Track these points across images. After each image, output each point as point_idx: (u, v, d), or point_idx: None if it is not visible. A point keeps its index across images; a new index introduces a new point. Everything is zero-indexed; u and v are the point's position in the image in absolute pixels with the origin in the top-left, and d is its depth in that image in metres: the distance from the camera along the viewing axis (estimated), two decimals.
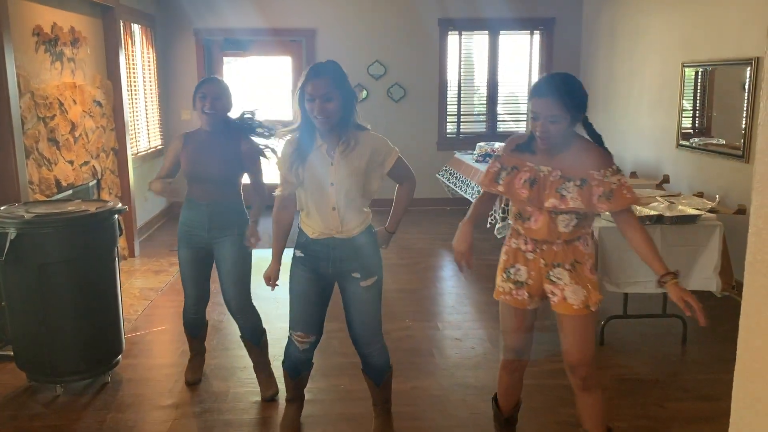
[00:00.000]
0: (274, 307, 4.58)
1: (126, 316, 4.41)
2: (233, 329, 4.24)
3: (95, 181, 5.32)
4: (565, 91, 2.26)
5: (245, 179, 3.32)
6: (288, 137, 2.66)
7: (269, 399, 3.34)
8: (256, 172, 3.26)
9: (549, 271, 2.43)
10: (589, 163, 2.32)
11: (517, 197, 2.42)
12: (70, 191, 4.83)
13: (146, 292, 4.98)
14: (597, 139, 2.40)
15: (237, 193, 3.28)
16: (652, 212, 3.78)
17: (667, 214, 3.76)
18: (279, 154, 2.74)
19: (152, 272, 5.50)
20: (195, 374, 3.55)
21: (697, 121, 5.60)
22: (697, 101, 5.54)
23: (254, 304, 3.39)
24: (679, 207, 3.93)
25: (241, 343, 3.87)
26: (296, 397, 3.00)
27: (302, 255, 2.70)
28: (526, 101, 7.66)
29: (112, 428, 3.07)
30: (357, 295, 2.69)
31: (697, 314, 2.18)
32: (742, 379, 1.17)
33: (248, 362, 3.73)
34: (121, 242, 5.73)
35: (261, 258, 3.34)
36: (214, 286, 3.41)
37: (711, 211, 4.00)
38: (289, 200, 2.72)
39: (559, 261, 2.41)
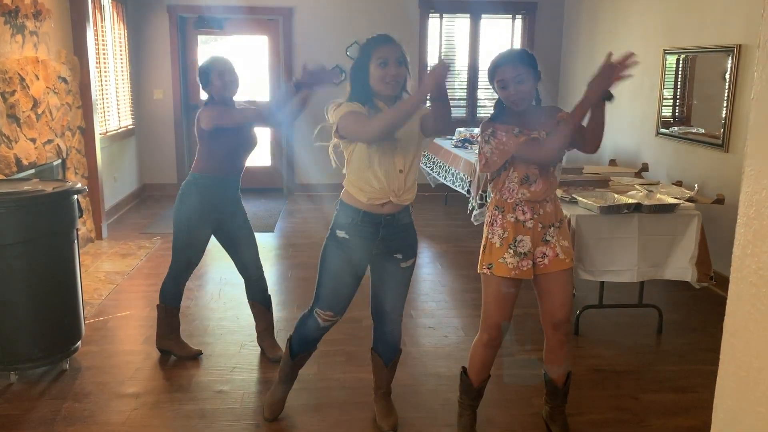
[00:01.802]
0: (243, 293, 4.46)
1: (89, 300, 4.26)
2: (199, 314, 4.12)
3: (60, 161, 5.13)
4: (519, 55, 2.58)
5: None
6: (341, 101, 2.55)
7: (275, 360, 3.38)
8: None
9: (545, 232, 2.61)
10: (553, 112, 2.64)
11: (516, 144, 2.51)
12: (33, 170, 4.64)
13: (112, 276, 4.83)
14: (539, 103, 2.68)
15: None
16: (630, 201, 3.70)
17: (646, 202, 3.69)
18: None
19: (119, 255, 5.34)
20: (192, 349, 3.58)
21: (677, 110, 5.54)
22: (678, 89, 5.48)
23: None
24: (658, 196, 3.87)
25: (205, 331, 3.81)
26: (290, 377, 2.96)
27: (346, 237, 2.60)
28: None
29: (66, 418, 2.94)
30: (395, 275, 2.70)
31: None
32: (728, 380, 1.07)
33: (213, 351, 3.63)
34: (88, 224, 5.56)
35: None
36: None
37: (689, 200, 3.93)
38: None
39: (551, 221, 2.61)
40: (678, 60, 5.39)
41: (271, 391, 3.01)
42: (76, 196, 3.29)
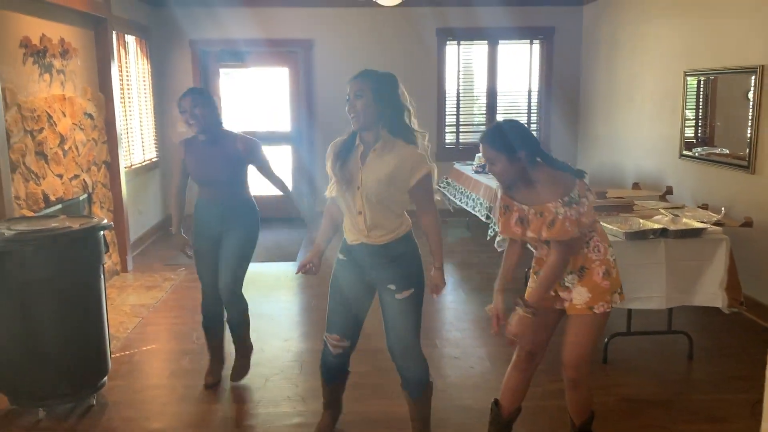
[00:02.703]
0: (268, 324, 4.47)
1: (115, 334, 4.29)
2: (224, 348, 4.11)
3: (86, 195, 5.21)
4: (493, 134, 2.51)
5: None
6: (332, 144, 2.75)
7: (234, 380, 3.60)
8: (261, 162, 3.53)
9: (564, 278, 2.62)
10: (547, 194, 2.48)
11: (515, 236, 2.64)
12: (59, 206, 4.72)
13: (137, 309, 4.86)
14: (560, 165, 2.55)
15: (245, 190, 3.57)
16: (656, 226, 3.65)
17: (672, 227, 3.64)
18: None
19: (144, 288, 5.38)
20: (215, 377, 3.64)
21: (699, 131, 5.49)
22: (699, 110, 5.43)
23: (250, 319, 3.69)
24: (684, 220, 3.81)
25: (230, 363, 3.79)
26: (331, 403, 3.02)
27: (344, 258, 2.77)
28: (527, 111, 7.45)
29: None
30: (392, 307, 2.69)
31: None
32: None
33: (238, 383, 3.63)
34: (114, 257, 5.62)
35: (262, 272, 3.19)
36: None
37: (716, 223, 3.87)
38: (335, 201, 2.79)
39: (570, 269, 2.59)
40: (698, 81, 5.35)
41: (319, 421, 3.06)
42: (102, 232, 3.33)
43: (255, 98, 7.92)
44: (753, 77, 4.52)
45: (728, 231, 3.84)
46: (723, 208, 4.19)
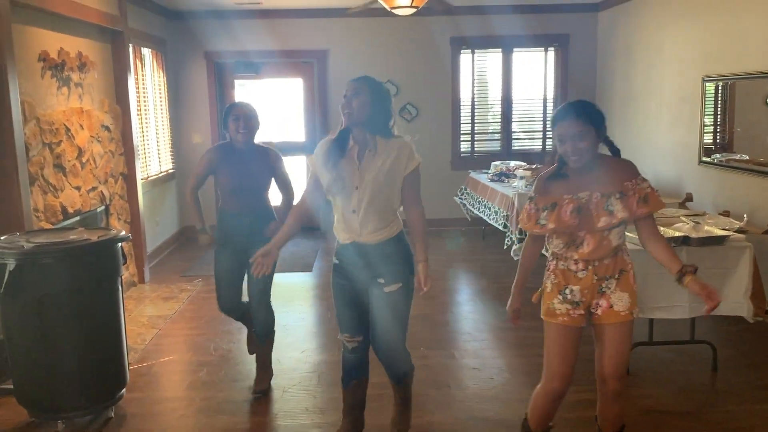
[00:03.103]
0: (284, 335, 4.46)
1: (133, 345, 4.29)
2: (242, 359, 4.11)
3: (103, 207, 5.24)
4: (581, 109, 2.46)
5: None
6: (321, 142, 2.85)
7: (258, 393, 3.61)
8: (284, 174, 3.68)
9: (601, 284, 2.54)
10: (621, 175, 2.47)
11: (569, 228, 2.50)
12: (77, 218, 4.74)
13: (155, 320, 4.87)
14: (617, 153, 2.56)
15: (269, 205, 3.71)
16: (678, 233, 3.60)
17: (693, 235, 3.58)
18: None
19: (161, 299, 5.39)
20: (253, 347, 3.83)
21: (718, 137, 5.42)
22: (718, 116, 5.37)
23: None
24: (706, 227, 3.75)
25: (248, 375, 3.81)
26: (351, 410, 3.02)
27: (338, 262, 2.88)
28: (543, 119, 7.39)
29: None
30: (380, 300, 2.75)
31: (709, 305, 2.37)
32: None
33: (258, 393, 3.60)
34: (131, 268, 5.64)
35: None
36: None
37: (739, 231, 3.81)
38: (312, 197, 2.87)
39: (609, 274, 2.53)
40: (716, 87, 5.29)
41: (339, 429, 3.08)
42: (120, 244, 3.33)
43: (270, 109, 7.94)
44: None
45: (751, 238, 3.77)
46: (745, 215, 4.12)
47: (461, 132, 7.91)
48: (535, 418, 2.71)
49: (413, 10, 5.07)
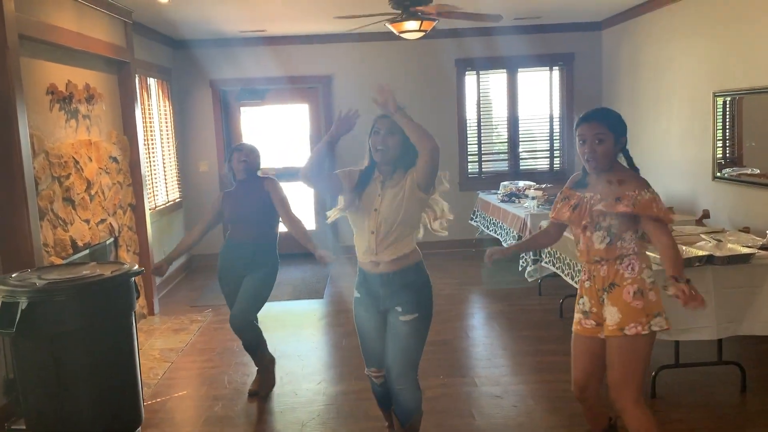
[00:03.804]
0: (299, 366, 4.37)
1: (145, 380, 4.19)
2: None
3: (112, 239, 5.18)
4: (605, 114, 2.63)
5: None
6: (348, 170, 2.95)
7: (252, 394, 3.94)
8: (282, 203, 3.83)
9: (602, 295, 2.65)
10: (629, 186, 2.55)
11: (563, 219, 2.76)
12: (87, 251, 4.68)
13: (166, 353, 4.78)
14: (635, 169, 2.66)
15: (274, 235, 3.93)
16: (701, 252, 3.52)
17: (718, 254, 3.51)
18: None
19: (172, 331, 5.31)
20: (254, 384, 4.01)
21: (728, 151, 5.37)
22: (727, 131, 5.32)
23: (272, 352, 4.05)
24: (729, 245, 3.67)
25: (264, 408, 3.94)
26: (392, 427, 3.08)
27: (359, 295, 2.93)
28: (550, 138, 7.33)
29: None
30: (395, 328, 2.80)
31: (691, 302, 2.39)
32: None
33: (273, 430, 3.51)
34: (140, 300, 5.56)
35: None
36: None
37: (762, 247, 3.73)
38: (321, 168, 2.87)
39: (604, 285, 2.63)
40: (725, 102, 5.25)
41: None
42: (133, 278, 3.27)
43: (276, 135, 7.93)
44: None
45: None
46: None
47: (468, 153, 7.87)
48: (588, 422, 2.90)
49: (421, 34, 5.05)
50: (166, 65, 7.12)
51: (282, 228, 3.90)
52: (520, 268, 5.55)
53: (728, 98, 5.22)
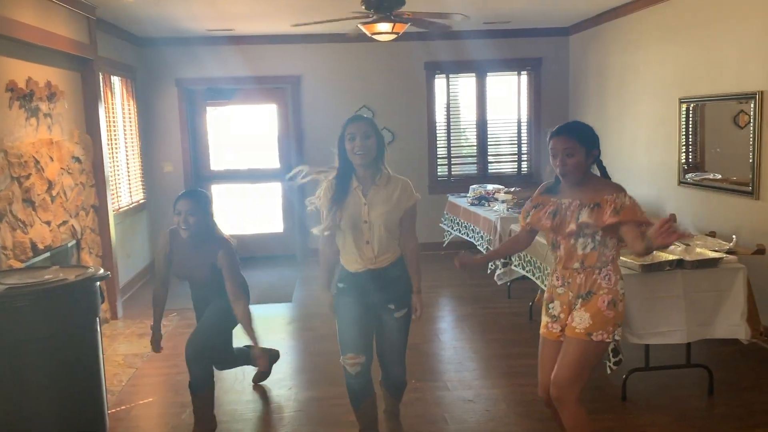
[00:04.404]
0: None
1: (109, 387, 4.05)
2: (225, 399, 3.93)
3: (74, 242, 5.02)
4: (575, 128, 2.70)
5: None
6: (325, 183, 2.96)
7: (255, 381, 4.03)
8: (231, 278, 3.37)
9: (575, 302, 2.71)
10: (605, 191, 2.63)
11: (543, 227, 2.78)
12: (48, 254, 4.52)
13: (131, 359, 4.64)
14: (607, 177, 2.78)
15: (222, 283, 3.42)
16: (671, 257, 3.57)
17: (687, 258, 3.56)
18: (317, 195, 2.99)
19: (136, 336, 5.16)
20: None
21: (690, 156, 5.47)
22: (690, 136, 5.43)
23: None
24: (697, 250, 3.73)
25: (233, 416, 3.81)
26: (368, 428, 3.13)
27: (344, 286, 3.01)
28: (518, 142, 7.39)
29: None
30: (391, 325, 2.99)
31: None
32: None
33: None
34: (103, 305, 5.40)
35: None
36: None
37: (729, 252, 3.80)
38: (331, 239, 3.00)
39: (581, 292, 2.69)
40: (688, 108, 5.35)
41: None
42: (98, 283, 3.16)
43: (243, 135, 7.81)
44: (752, 103, 4.51)
45: (742, 260, 3.76)
46: (734, 236, 4.12)
47: (438, 156, 7.88)
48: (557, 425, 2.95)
49: (394, 36, 5.02)
50: (131, 63, 6.95)
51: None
52: (489, 271, 5.56)
53: (692, 104, 5.32)
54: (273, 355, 4.09)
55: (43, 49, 4.57)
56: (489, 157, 8.03)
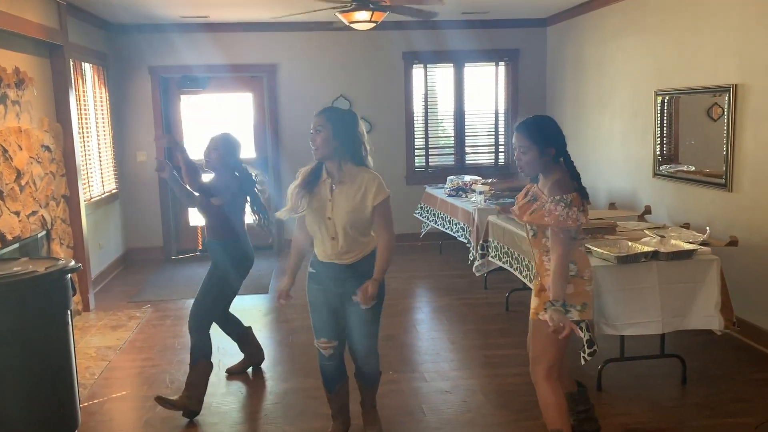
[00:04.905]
0: None
1: (81, 380, 3.99)
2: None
3: (44, 232, 4.91)
4: (531, 126, 2.73)
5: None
6: (303, 169, 2.95)
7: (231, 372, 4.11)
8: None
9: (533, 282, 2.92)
10: (547, 189, 2.71)
11: (514, 215, 2.93)
12: (17, 245, 4.42)
13: (103, 352, 4.57)
14: (575, 176, 2.75)
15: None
16: (647, 248, 3.59)
17: (662, 249, 3.58)
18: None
19: (109, 328, 5.08)
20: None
21: (665, 148, 5.52)
22: (664, 128, 5.47)
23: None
24: (672, 242, 3.76)
25: (208, 408, 3.76)
26: (339, 412, 3.16)
27: (314, 271, 3.02)
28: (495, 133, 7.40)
29: None
30: (357, 316, 2.93)
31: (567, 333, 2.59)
32: None
33: (218, 431, 3.39)
34: (74, 297, 5.30)
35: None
36: None
37: (703, 244, 3.84)
38: (302, 223, 2.99)
39: (534, 273, 2.88)
40: (662, 101, 5.40)
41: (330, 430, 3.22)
42: (69, 275, 3.09)
43: (218, 124, 7.69)
44: (726, 96, 4.55)
45: (715, 251, 3.81)
46: (708, 228, 4.17)
47: (415, 147, 7.85)
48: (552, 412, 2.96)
49: (372, 25, 4.97)
50: (103, 50, 6.80)
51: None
52: (468, 262, 5.57)
53: (667, 97, 5.36)
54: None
55: (11, 34, 4.44)
56: (466, 148, 8.03)
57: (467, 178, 6.76)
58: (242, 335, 4.14)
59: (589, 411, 3.10)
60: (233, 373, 4.10)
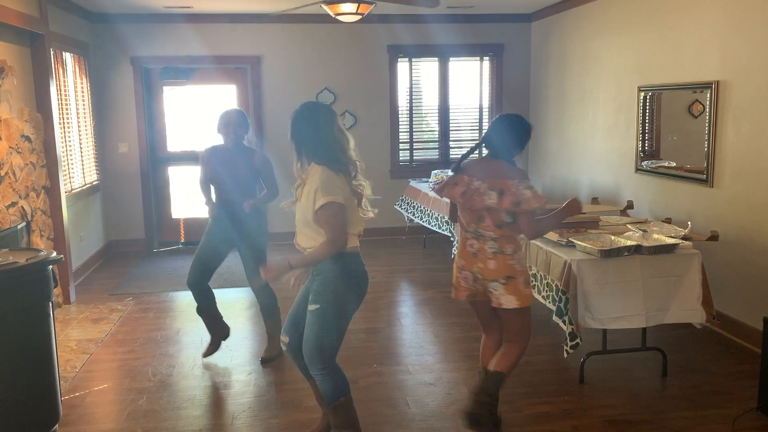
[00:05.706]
0: (228, 357, 4.22)
1: (62, 374, 3.95)
2: (184, 384, 3.86)
3: (24, 224, 4.84)
4: (495, 127, 3.15)
5: None
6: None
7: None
8: (268, 176, 4.10)
9: (489, 284, 3.16)
10: (504, 174, 2.98)
11: (457, 201, 3.19)
12: None
13: (84, 344, 4.52)
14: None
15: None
16: (630, 242, 3.63)
17: (645, 244, 3.62)
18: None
19: (90, 321, 5.03)
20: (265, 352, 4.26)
21: (646, 144, 5.57)
22: (646, 124, 5.52)
23: None
24: (654, 236, 3.80)
25: (192, 402, 3.69)
26: (321, 403, 3.08)
27: None
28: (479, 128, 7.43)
29: None
30: (308, 315, 2.87)
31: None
32: None
33: (203, 425, 3.38)
34: (55, 289, 5.24)
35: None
36: None
37: (684, 238, 3.88)
38: None
39: (496, 276, 3.11)
40: (645, 96, 5.45)
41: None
42: (51, 267, 3.05)
43: (202, 116, 7.63)
44: (708, 93, 4.60)
45: (697, 245, 3.86)
46: (689, 223, 4.21)
47: (399, 141, 7.85)
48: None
49: (358, 17, 4.95)
50: (84, 40, 6.71)
51: None
52: (452, 256, 5.58)
53: (650, 93, 5.41)
54: (224, 332, 4.34)
55: None
56: (451, 143, 8.04)
57: (451, 171, 6.76)
58: (214, 314, 4.28)
59: (492, 403, 3.07)
60: (207, 356, 4.23)
